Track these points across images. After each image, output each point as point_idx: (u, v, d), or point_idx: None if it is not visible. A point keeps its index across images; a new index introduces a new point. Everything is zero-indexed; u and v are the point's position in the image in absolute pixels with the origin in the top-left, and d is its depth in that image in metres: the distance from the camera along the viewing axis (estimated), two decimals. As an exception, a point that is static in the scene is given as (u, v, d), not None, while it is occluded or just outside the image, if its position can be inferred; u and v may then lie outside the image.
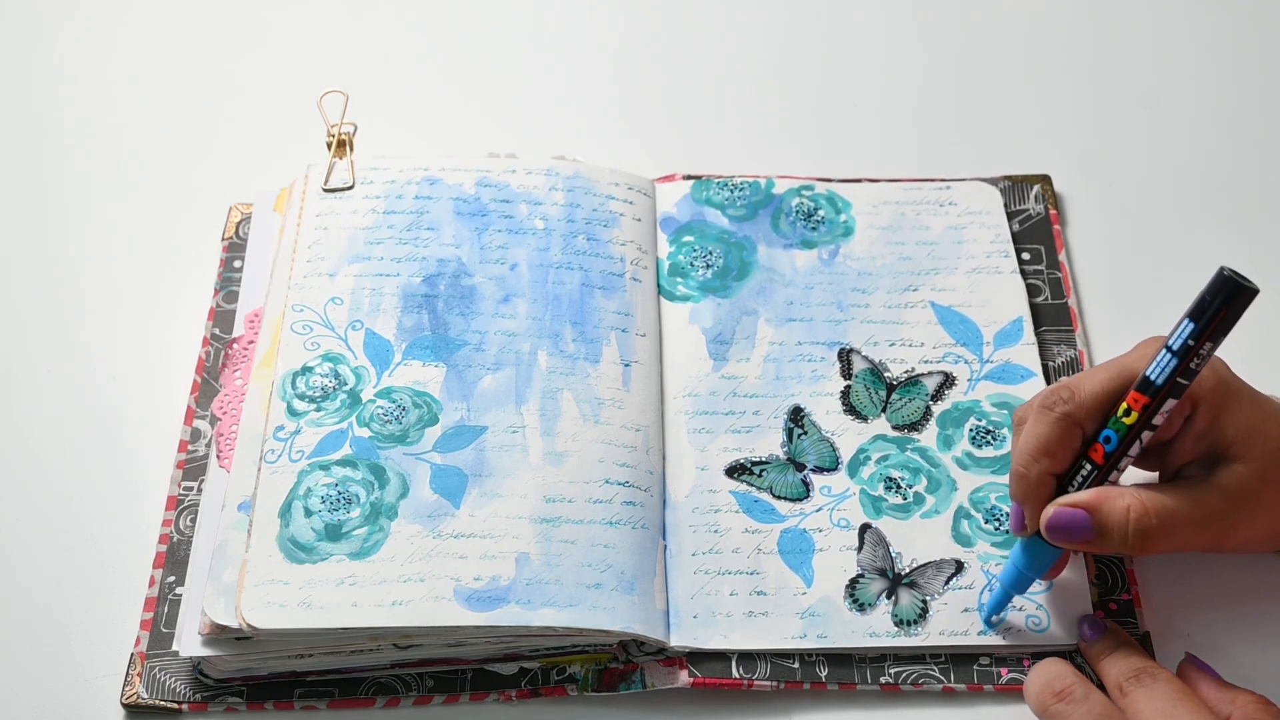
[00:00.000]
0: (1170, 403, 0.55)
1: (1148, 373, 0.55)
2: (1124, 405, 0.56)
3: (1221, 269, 0.52)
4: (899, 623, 0.63)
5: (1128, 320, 0.74)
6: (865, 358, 0.71)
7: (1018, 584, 0.61)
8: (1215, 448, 0.58)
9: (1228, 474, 0.58)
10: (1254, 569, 0.65)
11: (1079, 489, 0.58)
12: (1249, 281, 0.52)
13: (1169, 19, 0.89)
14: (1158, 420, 0.56)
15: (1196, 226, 0.79)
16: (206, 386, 0.71)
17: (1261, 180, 0.82)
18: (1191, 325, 0.54)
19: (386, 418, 0.66)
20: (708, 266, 0.74)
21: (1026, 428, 0.59)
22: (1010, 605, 0.62)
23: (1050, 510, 0.58)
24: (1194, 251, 0.77)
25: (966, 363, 0.71)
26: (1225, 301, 0.52)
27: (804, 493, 0.67)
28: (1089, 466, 0.58)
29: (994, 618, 0.62)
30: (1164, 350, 0.55)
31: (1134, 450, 0.57)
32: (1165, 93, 0.86)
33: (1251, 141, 0.84)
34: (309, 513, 0.63)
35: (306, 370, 0.68)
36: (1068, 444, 0.58)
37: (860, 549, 0.65)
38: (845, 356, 0.71)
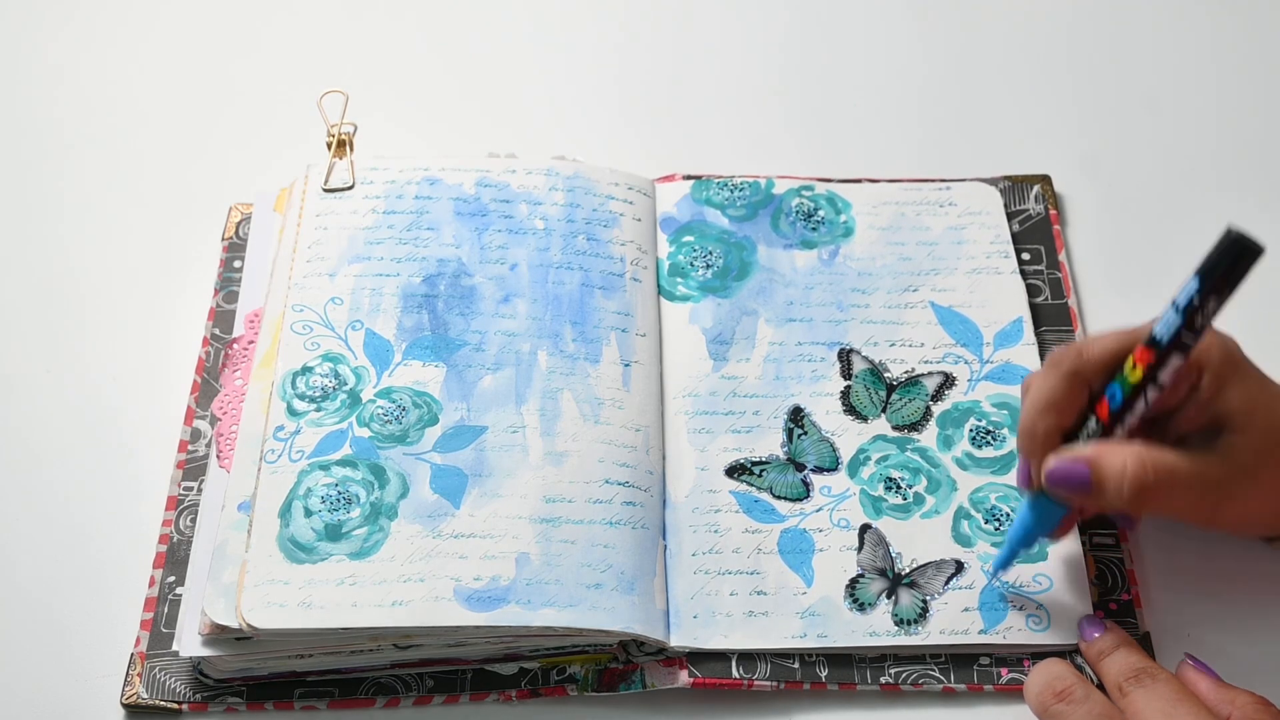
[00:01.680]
0: (1176, 360, 0.56)
1: (1154, 330, 0.56)
2: (1130, 361, 0.57)
3: (1228, 228, 0.53)
4: (899, 622, 0.63)
5: (1128, 320, 0.73)
6: (865, 358, 0.71)
7: (1024, 540, 0.61)
8: (1218, 419, 0.59)
9: (1228, 444, 0.58)
10: (1254, 569, 0.65)
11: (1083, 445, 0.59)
12: (1255, 241, 0.53)
13: (1169, 19, 0.89)
14: (1164, 379, 0.56)
15: (1197, 226, 0.78)
16: (206, 386, 0.71)
17: (1262, 180, 0.82)
18: (1197, 282, 0.54)
19: (386, 418, 0.66)
20: (708, 266, 0.74)
21: (1035, 384, 0.60)
22: (1015, 562, 0.62)
23: (1051, 461, 0.58)
24: (1194, 251, 0.76)
25: (966, 363, 0.71)
26: (1231, 260, 0.53)
27: (804, 493, 0.67)
28: (1094, 423, 0.58)
29: (999, 574, 0.63)
30: (1170, 308, 0.55)
31: (1139, 408, 0.57)
32: (1165, 93, 0.86)
33: (1252, 141, 0.84)
34: (309, 513, 0.63)
35: (306, 370, 0.68)
36: (1074, 399, 0.59)
37: (860, 549, 0.65)
38: (845, 356, 0.71)
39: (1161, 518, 0.63)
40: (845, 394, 0.70)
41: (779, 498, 0.67)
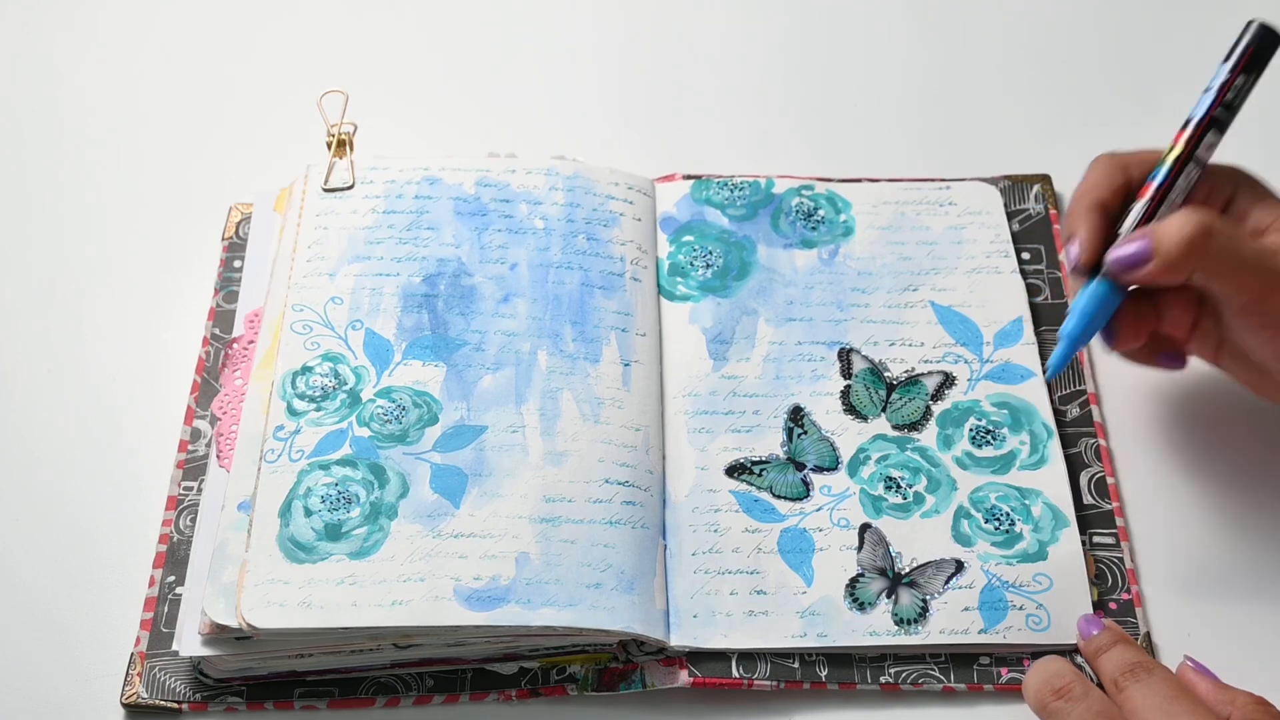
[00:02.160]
0: (1213, 137, 0.62)
1: (1190, 114, 0.62)
2: (1169, 145, 0.62)
3: (1253, 20, 0.61)
4: (899, 622, 0.63)
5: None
6: (865, 357, 0.71)
7: (1082, 334, 0.62)
8: (1260, 230, 0.62)
9: (1276, 242, 0.61)
10: (1254, 569, 0.65)
11: (1133, 222, 0.62)
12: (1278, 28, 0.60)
13: (1169, 18, 0.89)
14: (1202, 156, 0.62)
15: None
16: (206, 386, 0.71)
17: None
18: (1225, 66, 0.61)
19: (386, 417, 0.66)
20: (708, 266, 0.74)
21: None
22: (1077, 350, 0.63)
23: (1110, 253, 0.60)
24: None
25: (966, 362, 0.71)
26: (1258, 43, 0.61)
27: (804, 492, 0.67)
28: (1138, 206, 0.62)
29: (1057, 374, 0.65)
30: (1201, 94, 0.62)
31: (1180, 185, 0.62)
32: (1166, 92, 0.86)
33: (1251, 141, 0.83)
34: (309, 512, 0.63)
35: (306, 370, 0.68)
36: (1114, 178, 0.63)
37: (860, 548, 0.65)
38: (845, 356, 0.71)
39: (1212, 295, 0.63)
40: (845, 393, 0.70)
41: (779, 497, 0.67)
